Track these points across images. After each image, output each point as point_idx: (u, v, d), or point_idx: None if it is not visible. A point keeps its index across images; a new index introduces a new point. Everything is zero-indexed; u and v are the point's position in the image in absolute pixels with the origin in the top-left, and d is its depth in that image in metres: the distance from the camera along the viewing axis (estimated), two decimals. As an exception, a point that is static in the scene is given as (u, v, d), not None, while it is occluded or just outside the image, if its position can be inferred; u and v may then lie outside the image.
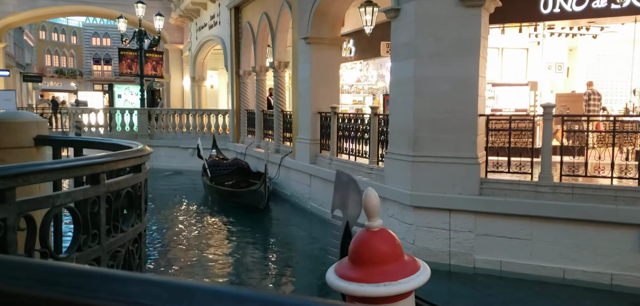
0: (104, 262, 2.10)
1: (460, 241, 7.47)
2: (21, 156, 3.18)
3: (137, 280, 0.59)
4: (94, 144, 3.49)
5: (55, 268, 0.63)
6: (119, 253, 2.24)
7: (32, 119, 3.40)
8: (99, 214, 2.05)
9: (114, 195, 2.19)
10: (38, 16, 29.90)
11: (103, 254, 2.09)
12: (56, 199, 1.85)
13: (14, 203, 1.67)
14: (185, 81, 27.06)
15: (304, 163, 11.47)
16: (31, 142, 3.24)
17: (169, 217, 12.04)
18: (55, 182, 2.55)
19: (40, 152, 3.33)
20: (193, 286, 0.59)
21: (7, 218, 1.64)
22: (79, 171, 2.04)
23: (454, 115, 7.39)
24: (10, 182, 1.63)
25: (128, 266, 2.36)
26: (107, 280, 0.60)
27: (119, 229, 2.25)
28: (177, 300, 0.57)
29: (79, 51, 52.55)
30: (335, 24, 11.33)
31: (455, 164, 7.41)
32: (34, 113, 6.93)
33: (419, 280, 2.30)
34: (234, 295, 0.57)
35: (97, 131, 18.94)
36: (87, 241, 1.99)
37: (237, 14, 16.39)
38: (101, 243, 2.08)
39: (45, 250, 1.80)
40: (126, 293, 0.58)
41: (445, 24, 7.36)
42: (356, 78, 17.18)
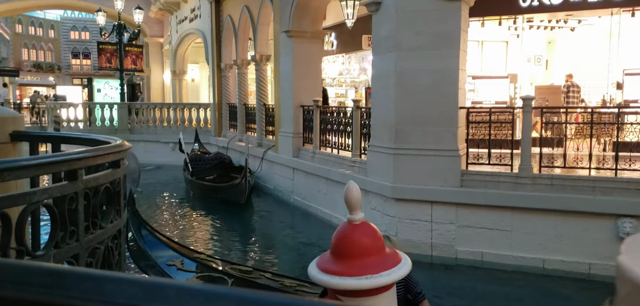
0: (82, 259, 2.07)
1: (442, 232, 7.55)
2: (-3, 152, 3.12)
3: (112, 279, 0.59)
4: (72, 140, 3.44)
5: (28, 267, 0.63)
6: (98, 249, 2.22)
7: (7, 115, 3.33)
8: (77, 211, 2.03)
9: (92, 191, 2.16)
10: (14, 9, 29.21)
11: (81, 251, 2.06)
12: (33, 196, 1.82)
13: (-12, 201, 1.64)
14: (166, 74, 26.77)
15: (287, 157, 11.45)
16: (7, 137, 3.18)
17: (149, 213, 11.92)
18: (32, 178, 2.50)
19: (16, 148, 3.27)
20: (167, 285, 0.59)
21: (-18, 216, 1.61)
22: (56, 167, 2.01)
23: (434, 108, 7.45)
24: (-16, 179, 1.60)
25: (107, 262, 2.33)
26: (81, 279, 0.60)
27: (98, 225, 2.22)
28: (151, 298, 0.57)
29: (57, 44, 51.57)
30: (316, 17, 11.31)
31: (437, 157, 7.48)
32: (11, 109, 6.80)
33: (400, 272, 2.32)
34: (208, 292, 0.57)
35: (77, 126, 18.63)
36: (64, 238, 1.96)
37: (217, 6, 16.25)
38: (79, 239, 2.05)
39: (21, 248, 1.77)
40: (101, 292, 0.58)
41: (425, 17, 7.40)
42: (338, 71, 17.20)
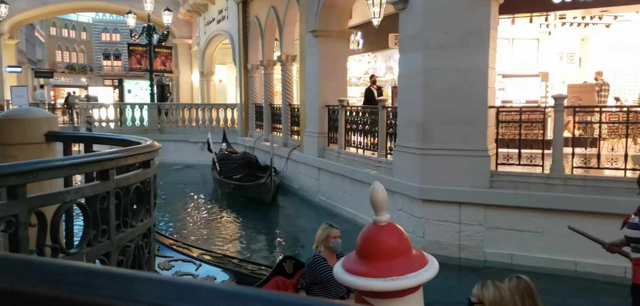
0: (113, 257, 2.12)
1: (470, 234, 7.44)
2: (32, 152, 3.21)
3: (142, 279, 0.60)
4: (104, 140, 3.52)
5: (62, 266, 0.64)
6: (129, 247, 2.26)
7: (42, 116, 3.43)
8: (109, 210, 2.07)
9: (123, 191, 2.21)
10: (48, 12, 30.09)
11: (113, 249, 2.11)
12: (66, 195, 1.87)
13: (25, 199, 1.69)
14: (194, 75, 27.14)
15: (312, 156, 11.47)
16: (42, 138, 3.27)
17: (178, 210, 12.12)
18: (66, 178, 2.57)
19: (51, 148, 3.36)
20: (196, 285, 0.59)
21: (19, 214, 1.66)
22: (89, 167, 2.06)
23: (463, 107, 7.35)
24: (21, 179, 1.65)
25: (137, 260, 2.38)
26: (112, 279, 0.61)
27: (129, 224, 2.27)
28: (180, 298, 0.57)
29: (89, 46, 52.86)
30: (342, 16, 11.29)
31: (465, 157, 7.37)
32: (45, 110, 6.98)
33: (427, 274, 2.29)
34: (236, 293, 0.58)
35: (108, 126, 19.05)
36: (96, 236, 2.01)
37: (244, 8, 16.39)
38: (111, 238, 2.10)
39: (55, 246, 1.82)
40: (131, 291, 0.59)
41: (454, 15, 7.30)
42: (364, 70, 17.12)
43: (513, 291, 3.18)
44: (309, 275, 4.43)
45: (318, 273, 4.37)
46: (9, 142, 3.25)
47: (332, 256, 4.46)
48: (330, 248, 4.46)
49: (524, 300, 3.15)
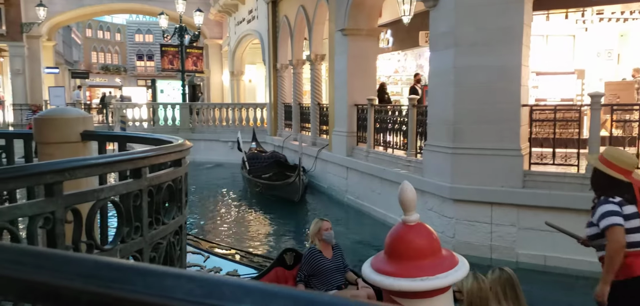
0: (146, 254, 2.16)
1: (502, 235, 7.31)
2: (68, 150, 3.30)
3: (172, 275, 0.61)
4: (137, 139, 3.60)
5: (96, 262, 0.66)
6: (161, 244, 2.31)
7: (78, 115, 3.53)
8: (141, 207, 2.12)
9: (155, 189, 2.26)
10: (84, 14, 30.96)
11: (145, 246, 2.15)
12: (100, 193, 1.92)
13: (61, 197, 1.74)
14: (225, 75, 27.47)
15: (341, 156, 11.46)
16: (78, 137, 3.36)
17: (209, 208, 12.30)
18: (101, 176, 2.64)
19: (86, 146, 3.45)
20: (224, 281, 0.60)
21: (56, 210, 1.71)
22: (122, 165, 2.11)
23: (495, 106, 7.22)
24: (57, 176, 1.71)
25: (169, 257, 2.42)
26: (144, 274, 0.63)
27: (161, 221, 2.32)
28: (208, 294, 0.58)
29: (123, 47, 54.16)
30: (372, 14, 11.24)
31: (498, 156, 7.24)
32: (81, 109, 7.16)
33: (457, 274, 2.27)
34: (263, 290, 0.58)
35: (141, 125, 19.47)
36: (130, 233, 2.06)
37: (274, 7, 16.50)
38: (143, 235, 2.14)
39: (90, 242, 1.87)
40: (161, 286, 0.60)
41: (486, 12, 7.18)
42: (394, 69, 17.00)
43: (494, 283, 3.31)
44: (307, 268, 4.69)
45: (314, 264, 4.65)
46: (47, 141, 3.36)
47: (327, 248, 4.76)
48: (324, 240, 4.74)
49: (505, 291, 3.25)
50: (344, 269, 4.85)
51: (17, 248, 0.71)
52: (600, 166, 3.43)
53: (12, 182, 1.75)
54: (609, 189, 3.37)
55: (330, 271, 4.71)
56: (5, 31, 24.58)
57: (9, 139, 3.77)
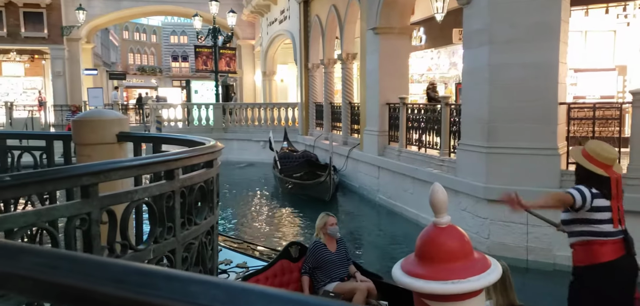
0: (178, 254, 2.20)
1: (538, 236, 7.13)
2: (105, 151, 3.40)
3: (197, 281, 0.62)
4: (171, 140, 3.67)
5: (124, 267, 0.68)
6: (193, 245, 2.35)
7: (115, 117, 3.63)
8: (174, 208, 2.16)
9: (187, 190, 2.30)
10: (122, 17, 31.80)
11: (178, 246, 2.19)
12: (134, 194, 1.97)
13: (97, 198, 1.79)
14: (257, 75, 27.72)
15: (372, 155, 11.40)
16: (114, 138, 3.45)
17: (241, 207, 12.44)
18: (136, 177, 2.70)
19: (122, 147, 3.55)
20: (249, 289, 0.61)
21: (91, 212, 1.77)
22: (155, 167, 2.16)
23: (531, 104, 7.05)
24: (93, 179, 1.76)
25: (201, 257, 2.46)
26: (169, 280, 0.64)
27: (193, 222, 2.36)
28: (232, 301, 0.59)
29: (158, 49, 55.34)
30: (404, 12, 11.14)
31: (534, 156, 7.07)
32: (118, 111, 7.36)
33: (489, 278, 2.22)
34: (289, 299, 0.58)
35: (176, 125, 19.84)
36: (163, 233, 2.10)
37: (306, 7, 16.55)
38: (176, 235, 2.18)
39: (125, 242, 1.92)
40: (187, 292, 0.61)
41: (521, 8, 7.02)
42: (427, 67, 16.80)
43: None
44: (311, 260, 4.89)
45: (318, 257, 4.86)
46: (85, 143, 3.47)
47: (331, 242, 5.01)
48: (328, 234, 4.98)
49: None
50: (347, 262, 5.06)
51: (54, 252, 0.73)
52: (582, 161, 3.59)
53: (50, 184, 1.81)
54: (588, 181, 3.53)
55: (333, 264, 4.91)
56: (47, 35, 25.49)
57: (49, 141, 3.91)
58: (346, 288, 4.71)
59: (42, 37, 25.51)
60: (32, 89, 28.09)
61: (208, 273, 2.54)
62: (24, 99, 26.80)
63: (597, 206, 3.49)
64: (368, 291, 4.70)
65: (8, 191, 1.66)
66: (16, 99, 26.22)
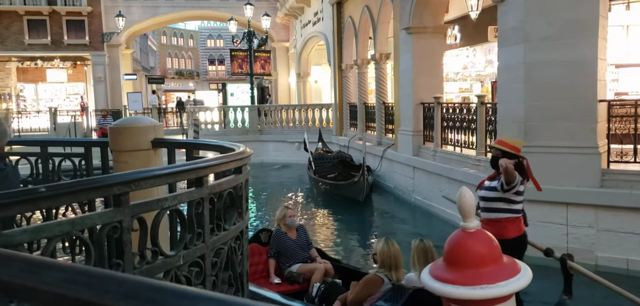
0: (208, 259, 2.26)
1: (579, 236, 6.92)
2: (141, 157, 3.51)
3: (204, 297, 0.65)
4: (203, 146, 3.76)
5: (138, 283, 0.71)
6: (222, 250, 2.40)
7: (150, 124, 3.74)
8: (203, 215, 2.21)
9: (216, 196, 2.35)
10: (160, 23, 32.61)
11: (207, 251, 2.24)
12: (164, 202, 2.03)
13: (128, 206, 1.86)
14: (291, 77, 27.91)
15: (407, 155, 11.31)
16: (149, 145, 3.56)
17: (276, 208, 12.54)
18: (170, 184, 2.77)
19: (156, 153, 3.65)
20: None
21: (123, 220, 1.83)
22: (185, 175, 2.21)
23: (569, 102, 6.85)
24: (124, 188, 1.83)
25: (230, 262, 2.51)
26: (178, 296, 0.67)
27: (222, 227, 2.41)
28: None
29: (195, 53, 56.43)
30: (438, 11, 11.00)
31: (572, 154, 6.87)
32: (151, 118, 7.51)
33: (518, 283, 2.19)
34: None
35: (213, 127, 20.17)
36: (192, 239, 2.16)
37: (339, 9, 16.57)
38: (205, 241, 2.24)
39: (155, 249, 1.98)
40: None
41: (558, 5, 6.83)
42: (462, 65, 16.52)
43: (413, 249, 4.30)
44: (275, 246, 5.66)
45: (280, 244, 5.62)
46: (122, 149, 3.59)
47: (291, 231, 5.78)
48: (287, 225, 5.75)
49: (419, 256, 4.18)
50: (307, 246, 5.81)
51: (73, 267, 0.77)
52: (498, 146, 4.11)
53: (83, 194, 1.89)
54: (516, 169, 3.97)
55: (294, 249, 5.67)
56: (88, 41, 26.43)
57: (88, 148, 4.07)
58: (307, 268, 5.48)
59: (84, 44, 26.45)
60: (74, 94, 29.18)
61: (238, 277, 2.58)
62: (67, 105, 27.86)
63: (520, 190, 4.02)
64: (326, 270, 5.45)
65: (44, 201, 1.74)
66: (60, 104, 27.27)
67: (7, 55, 26.81)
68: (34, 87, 29.17)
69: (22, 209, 1.96)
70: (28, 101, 28.74)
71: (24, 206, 1.70)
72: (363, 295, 4.19)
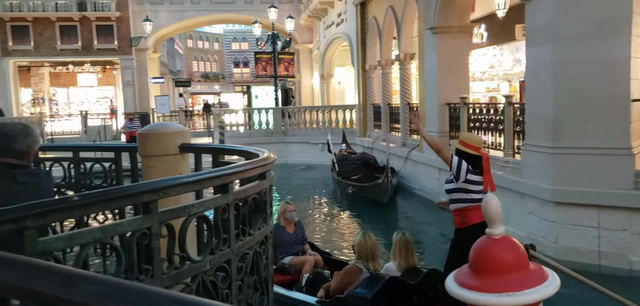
0: (233, 264, 2.29)
1: (611, 240, 6.75)
2: (168, 162, 3.57)
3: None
4: (228, 151, 3.81)
5: (166, 297, 0.73)
6: (247, 255, 2.43)
7: (177, 129, 3.80)
8: (229, 220, 2.24)
9: (241, 202, 2.38)
10: (186, 26, 33.11)
11: (233, 256, 2.28)
12: (191, 209, 2.07)
13: (156, 213, 1.90)
14: (315, 78, 27.96)
15: (432, 157, 11.19)
16: (176, 150, 3.62)
17: (300, 210, 12.59)
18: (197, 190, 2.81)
19: (184, 158, 3.72)
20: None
21: (151, 226, 1.88)
22: (211, 182, 2.25)
23: (601, 102, 6.69)
24: (153, 195, 1.87)
25: (256, 266, 2.54)
26: None
27: (247, 233, 2.44)
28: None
29: (221, 56, 57.07)
30: (464, 10, 10.88)
31: (604, 156, 6.71)
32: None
33: (546, 291, 2.15)
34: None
35: (238, 129, 20.36)
36: (218, 245, 2.19)
37: (362, 9, 16.53)
38: (231, 246, 2.27)
39: (183, 255, 2.02)
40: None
41: (588, 3, 6.68)
42: (489, 64, 16.29)
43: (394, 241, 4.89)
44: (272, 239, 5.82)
45: (277, 237, 5.84)
46: (150, 154, 3.66)
47: (289, 225, 6.16)
48: (287, 219, 6.13)
49: (400, 249, 4.78)
50: (303, 241, 6.20)
51: (105, 280, 0.80)
52: (459, 146, 4.51)
53: (113, 202, 1.95)
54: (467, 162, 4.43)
55: (290, 243, 6.05)
56: (117, 46, 27.02)
57: (118, 152, 4.17)
58: (298, 260, 5.86)
59: (113, 48, 27.06)
60: (104, 98, 29.87)
61: (263, 281, 2.61)
62: (97, 108, 28.53)
63: (471, 179, 4.39)
64: (315, 262, 5.84)
65: (77, 210, 1.80)
66: (90, 108, 27.95)
67: (41, 60, 27.61)
68: (65, 91, 29.98)
69: (57, 217, 2.03)
70: (60, 105, 29.55)
71: (59, 214, 1.76)
72: (343, 283, 4.70)
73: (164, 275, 1.96)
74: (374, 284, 4.39)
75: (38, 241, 1.55)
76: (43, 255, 1.57)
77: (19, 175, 2.42)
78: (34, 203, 1.64)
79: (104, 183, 4.15)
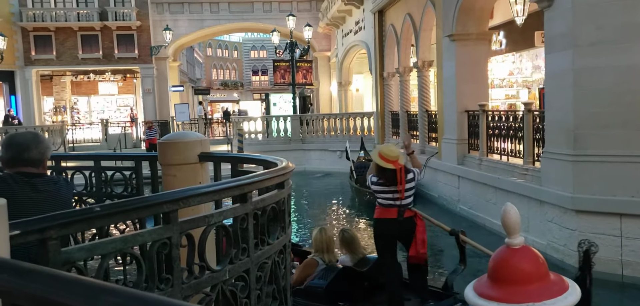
0: (252, 273, 2.31)
1: (634, 249, 6.62)
2: (188, 171, 3.62)
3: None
4: (247, 160, 3.84)
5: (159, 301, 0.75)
6: (266, 264, 2.44)
7: (196, 138, 3.85)
8: (247, 230, 2.27)
9: (260, 211, 2.40)
10: (205, 35, 33.49)
11: (252, 266, 2.30)
12: (211, 218, 2.10)
13: (176, 223, 1.93)
14: (333, 86, 28.01)
15: (451, 164, 11.13)
16: (196, 159, 3.66)
17: (318, 216, 12.60)
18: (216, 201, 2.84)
19: (203, 167, 3.76)
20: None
21: (172, 236, 1.91)
22: (230, 192, 2.28)
23: (622, 108, 6.59)
24: (173, 206, 1.91)
25: (274, 275, 2.56)
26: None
27: (266, 242, 2.46)
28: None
29: (239, 64, 57.57)
30: (482, 17, 10.81)
31: (627, 163, 6.60)
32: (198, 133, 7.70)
33: (566, 301, 2.12)
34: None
35: (256, 137, 20.47)
36: (237, 254, 2.22)
37: (380, 17, 16.53)
38: (250, 255, 2.29)
39: (202, 264, 2.05)
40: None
41: (608, 9, 6.59)
42: (508, 71, 16.13)
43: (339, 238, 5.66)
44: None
45: None
46: (170, 163, 3.71)
47: None
48: None
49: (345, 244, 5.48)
50: None
51: (128, 293, 0.82)
52: (378, 161, 4.99)
53: (134, 213, 1.99)
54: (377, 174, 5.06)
55: None
56: (137, 55, 27.46)
57: (138, 161, 4.23)
58: None
59: (133, 57, 27.50)
60: (124, 106, 30.34)
61: (281, 290, 2.62)
62: (117, 116, 28.99)
63: (376, 189, 5.05)
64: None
65: (98, 220, 1.84)
66: (111, 116, 28.40)
67: (63, 69, 28.19)
68: (87, 99, 30.54)
69: (79, 228, 2.07)
70: (81, 113, 30.10)
71: (81, 225, 1.80)
72: (303, 275, 5.16)
73: (184, 284, 1.98)
74: (329, 274, 4.96)
75: (61, 251, 1.59)
76: (66, 265, 1.61)
77: (38, 184, 2.46)
78: (57, 213, 1.68)
79: (124, 192, 4.21)
